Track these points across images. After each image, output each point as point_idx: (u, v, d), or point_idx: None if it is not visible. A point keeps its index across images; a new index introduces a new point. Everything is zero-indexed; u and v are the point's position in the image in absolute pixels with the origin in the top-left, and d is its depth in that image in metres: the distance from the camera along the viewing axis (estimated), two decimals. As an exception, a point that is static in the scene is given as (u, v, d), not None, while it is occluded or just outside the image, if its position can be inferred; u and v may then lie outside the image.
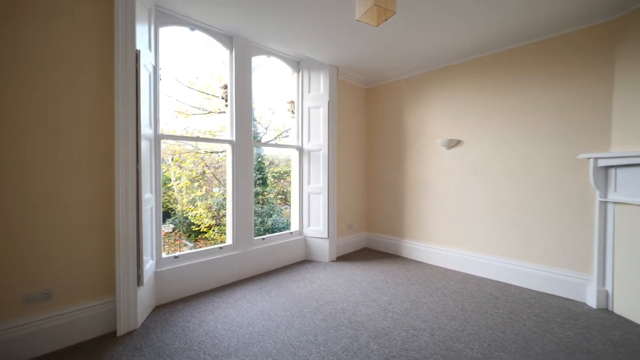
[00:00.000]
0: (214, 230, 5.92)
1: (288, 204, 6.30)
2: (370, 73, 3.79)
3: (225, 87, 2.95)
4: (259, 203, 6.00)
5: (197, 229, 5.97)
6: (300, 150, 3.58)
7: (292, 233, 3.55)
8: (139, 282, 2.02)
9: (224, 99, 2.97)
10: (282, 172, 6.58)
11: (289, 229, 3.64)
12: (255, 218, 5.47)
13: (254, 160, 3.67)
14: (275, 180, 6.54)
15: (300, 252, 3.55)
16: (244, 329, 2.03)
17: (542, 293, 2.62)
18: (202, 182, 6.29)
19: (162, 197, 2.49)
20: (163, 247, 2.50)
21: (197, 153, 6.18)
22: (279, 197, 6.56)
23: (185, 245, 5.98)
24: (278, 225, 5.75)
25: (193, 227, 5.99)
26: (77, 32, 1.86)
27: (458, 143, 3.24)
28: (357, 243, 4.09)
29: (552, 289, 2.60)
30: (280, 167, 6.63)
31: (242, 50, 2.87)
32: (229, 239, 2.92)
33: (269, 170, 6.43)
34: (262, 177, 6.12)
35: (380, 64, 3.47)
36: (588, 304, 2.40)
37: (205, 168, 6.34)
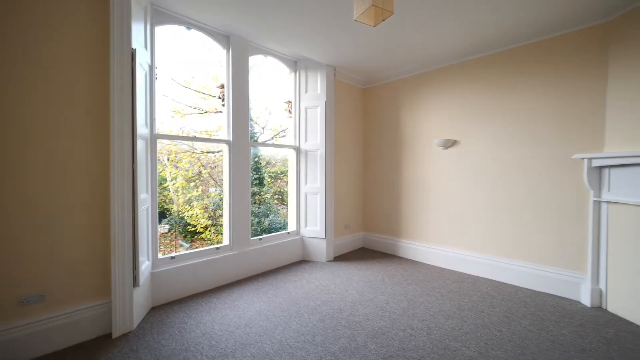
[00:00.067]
0: (210, 231, 5.89)
1: (285, 204, 6.29)
2: (368, 73, 3.80)
3: (222, 86, 2.93)
4: (256, 203, 5.99)
5: (193, 230, 5.93)
6: (298, 150, 3.58)
7: (289, 233, 3.54)
8: (135, 283, 2.01)
9: (221, 99, 2.96)
10: (278, 172, 6.57)
11: (286, 229, 3.63)
12: (252, 218, 5.45)
13: (251, 160, 3.66)
14: (272, 180, 6.53)
15: (298, 252, 3.55)
16: (242, 330, 2.03)
17: (537, 292, 2.65)
18: (198, 182, 6.26)
19: (157, 197, 2.47)
20: (159, 247, 2.48)
21: (193, 153, 6.14)
22: (276, 197, 6.55)
23: (181, 246, 5.94)
24: (275, 226, 5.74)
25: (189, 227, 5.95)
26: (71, 30, 1.84)
27: (454, 143, 3.26)
28: (354, 243, 4.10)
29: (547, 288, 2.63)
30: (277, 167, 6.61)
31: (239, 50, 2.86)
32: (226, 239, 2.91)
33: (266, 170, 6.41)
34: (258, 177, 6.10)
35: (378, 64, 3.48)
36: (582, 303, 2.43)
37: (202, 168, 6.31)
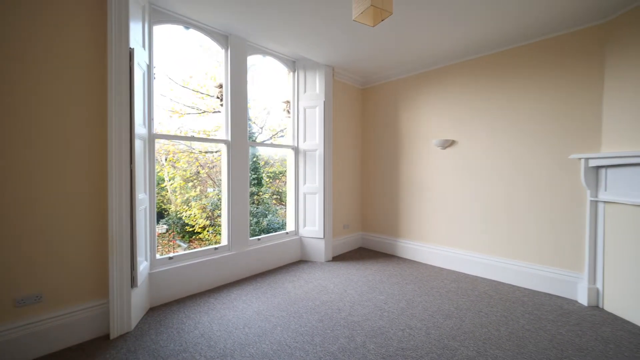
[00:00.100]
0: (209, 231, 5.88)
1: (283, 204, 6.28)
2: (366, 73, 3.81)
3: (221, 86, 2.93)
4: (254, 203, 5.98)
5: (191, 230, 5.91)
6: (296, 150, 3.57)
7: (287, 233, 3.54)
8: (133, 283, 2.00)
9: (219, 99, 2.96)
10: (277, 172, 6.56)
11: (285, 229, 3.63)
12: (251, 218, 5.44)
13: (249, 160, 3.65)
14: (271, 181, 6.52)
15: (296, 252, 3.54)
16: (240, 330, 2.02)
17: (535, 291, 2.66)
18: (196, 182, 6.24)
19: (156, 197, 2.46)
20: (157, 248, 2.47)
21: (191, 153, 6.12)
22: (274, 197, 6.54)
23: (179, 246, 5.92)
24: (273, 226, 5.73)
25: (187, 227, 5.93)
26: (69, 29, 1.83)
27: (452, 143, 3.27)
28: (352, 243, 4.10)
29: (544, 287, 2.65)
30: (276, 167, 6.61)
31: (237, 50, 2.85)
32: (224, 240, 2.90)
33: (264, 170, 6.40)
34: (257, 177, 6.09)
35: (376, 64, 3.48)
36: (579, 302, 2.44)
37: (200, 168, 6.29)
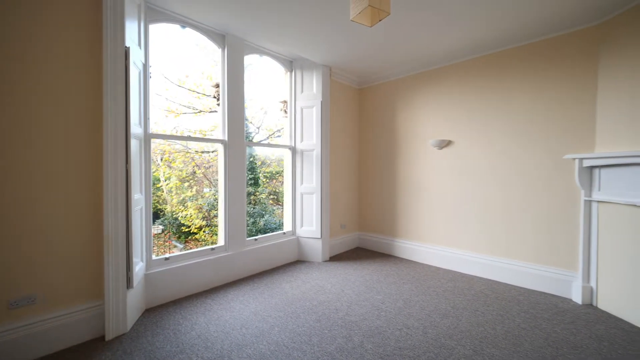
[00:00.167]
0: (205, 231, 5.84)
1: (280, 204, 6.27)
2: (363, 73, 3.81)
3: (217, 85, 2.91)
4: (251, 203, 5.96)
5: (187, 230, 5.88)
6: (293, 150, 3.57)
7: (284, 233, 3.53)
8: (129, 284, 1.98)
9: (216, 98, 2.94)
10: (274, 172, 6.55)
11: (282, 230, 3.62)
12: (247, 218, 5.42)
13: (246, 160, 3.64)
14: (267, 181, 6.50)
15: (293, 252, 3.54)
16: (237, 331, 2.01)
17: (530, 290, 2.69)
18: (192, 182, 6.20)
19: (152, 197, 2.44)
20: (153, 248, 2.45)
21: (187, 153, 6.08)
22: (271, 197, 6.52)
23: (175, 247, 5.88)
24: (270, 226, 5.72)
25: (183, 228, 5.90)
26: (64, 28, 1.80)
27: (449, 143, 3.29)
28: (350, 243, 4.11)
29: (540, 286, 2.67)
30: (272, 167, 6.59)
31: (234, 49, 2.84)
32: (221, 240, 2.89)
33: (261, 170, 6.38)
34: (254, 177, 6.07)
35: (373, 65, 3.49)
36: (574, 300, 2.47)
37: (196, 168, 6.25)
